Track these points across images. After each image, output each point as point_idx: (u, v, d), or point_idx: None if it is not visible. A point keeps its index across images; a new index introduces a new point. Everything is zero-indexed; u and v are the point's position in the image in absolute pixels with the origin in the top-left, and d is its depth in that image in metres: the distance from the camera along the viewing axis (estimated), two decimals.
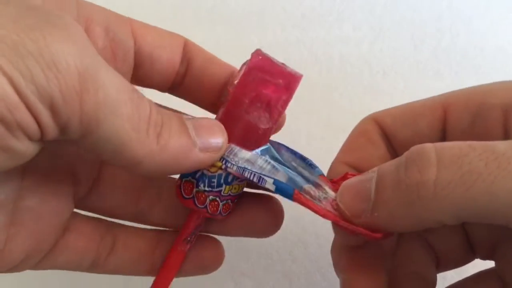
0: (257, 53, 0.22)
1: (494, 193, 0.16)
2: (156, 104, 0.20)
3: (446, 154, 0.18)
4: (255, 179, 0.21)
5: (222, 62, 0.25)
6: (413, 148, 0.19)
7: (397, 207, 0.19)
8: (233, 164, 0.22)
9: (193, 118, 0.21)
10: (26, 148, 0.16)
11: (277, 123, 0.23)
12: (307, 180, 0.23)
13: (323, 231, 0.29)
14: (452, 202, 0.17)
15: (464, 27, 0.39)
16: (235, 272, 0.33)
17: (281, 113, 0.23)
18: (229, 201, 0.23)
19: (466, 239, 0.25)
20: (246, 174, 0.21)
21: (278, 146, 0.24)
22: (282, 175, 0.22)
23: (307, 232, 0.33)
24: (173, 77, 0.24)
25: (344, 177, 0.23)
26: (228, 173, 0.22)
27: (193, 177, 0.23)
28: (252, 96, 0.22)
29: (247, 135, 0.22)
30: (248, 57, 0.23)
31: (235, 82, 0.22)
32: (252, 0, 0.40)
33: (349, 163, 0.24)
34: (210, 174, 0.22)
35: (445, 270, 0.26)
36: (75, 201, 0.23)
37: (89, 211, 0.25)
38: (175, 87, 0.25)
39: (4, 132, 0.14)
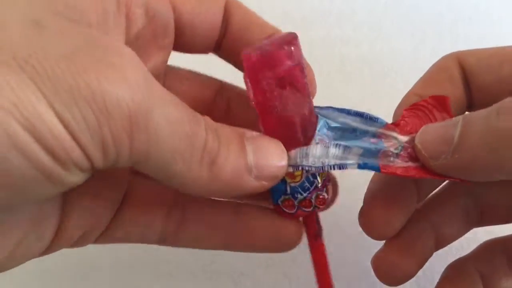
0: (245, 57, 0.21)
1: None
2: (220, 126, 0.20)
3: None
4: (337, 168, 0.21)
5: (261, 21, 0.24)
6: (506, 100, 0.19)
7: (482, 150, 0.19)
8: (311, 166, 0.21)
9: (257, 136, 0.20)
10: (74, 180, 0.16)
11: (310, 90, 0.22)
12: (374, 135, 0.23)
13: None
14: None
15: (464, 27, 0.39)
16: (235, 272, 0.33)
17: (305, 83, 0.21)
18: (328, 182, 0.23)
19: None
20: (327, 169, 0.21)
21: (327, 111, 0.23)
22: (356, 150, 0.22)
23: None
24: (215, 41, 0.23)
25: (411, 109, 0.23)
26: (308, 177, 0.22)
27: (285, 194, 0.22)
28: (273, 95, 0.21)
29: (300, 128, 0.22)
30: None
31: (251, 98, 0.21)
32: (252, 0, 0.40)
33: (423, 97, 0.24)
34: (298, 183, 0.22)
35: (488, 225, 0.26)
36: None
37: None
38: (215, 49, 0.24)
39: (59, 170, 0.15)
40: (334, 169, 0.21)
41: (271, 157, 0.20)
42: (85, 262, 0.34)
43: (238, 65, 0.24)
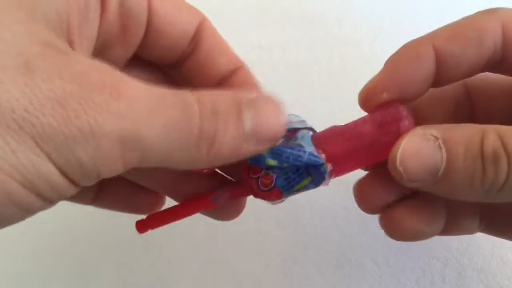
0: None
1: None
2: (216, 95, 0.20)
3: None
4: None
5: (231, 54, 0.24)
6: (488, 143, 0.20)
7: (464, 190, 0.20)
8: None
9: (254, 99, 0.20)
10: (67, 195, 0.17)
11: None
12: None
13: (323, 232, 0.29)
14: None
15: None
16: (235, 272, 0.33)
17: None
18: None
19: None
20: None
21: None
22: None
23: (307, 232, 0.33)
24: (177, 55, 0.24)
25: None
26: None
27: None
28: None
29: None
30: (248, 56, 0.23)
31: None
32: (252, 0, 0.40)
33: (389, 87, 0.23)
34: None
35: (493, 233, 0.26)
36: None
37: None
38: (175, 65, 0.24)
39: (45, 206, 0.17)
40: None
41: (269, 120, 0.20)
42: (85, 262, 0.34)
43: (195, 85, 0.25)
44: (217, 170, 0.25)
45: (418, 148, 0.21)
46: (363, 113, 0.26)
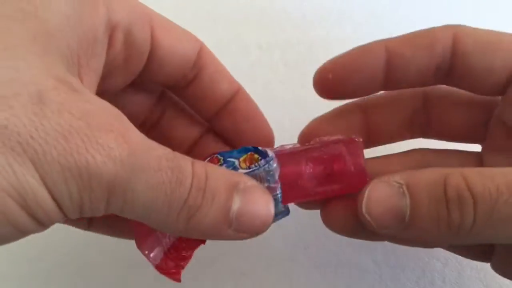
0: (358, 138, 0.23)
1: None
2: (214, 172, 0.20)
3: (479, 201, 0.19)
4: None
5: (230, 77, 0.25)
6: (452, 186, 0.20)
7: (432, 235, 0.21)
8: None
9: (250, 188, 0.21)
10: (58, 220, 0.18)
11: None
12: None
13: (323, 231, 0.29)
14: (483, 238, 0.20)
15: None
16: (235, 272, 0.33)
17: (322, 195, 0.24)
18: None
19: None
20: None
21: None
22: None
23: (307, 232, 0.33)
24: (179, 80, 0.24)
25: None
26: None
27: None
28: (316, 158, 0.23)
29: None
30: (248, 56, 0.23)
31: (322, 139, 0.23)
32: (252, 0, 0.40)
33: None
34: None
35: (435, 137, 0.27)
36: None
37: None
38: (179, 89, 0.25)
39: (36, 226, 0.17)
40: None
41: (256, 213, 0.21)
42: (85, 262, 0.34)
43: (196, 111, 0.26)
44: None
45: (383, 195, 0.21)
46: None
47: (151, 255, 0.23)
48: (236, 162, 0.22)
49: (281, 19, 0.40)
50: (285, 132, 0.26)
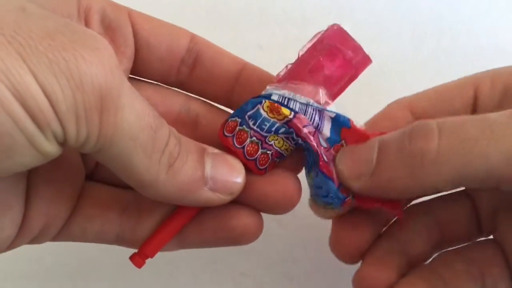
0: (334, 25, 0.23)
1: (487, 155, 0.19)
2: (183, 137, 0.21)
3: (446, 125, 0.20)
4: (316, 114, 0.22)
5: (232, 55, 0.25)
6: (417, 122, 0.21)
7: (398, 171, 0.21)
8: (296, 100, 0.22)
9: (219, 153, 0.22)
10: (54, 151, 0.17)
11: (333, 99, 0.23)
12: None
13: (323, 232, 0.29)
14: (451, 167, 0.19)
15: (464, 27, 0.39)
16: (235, 272, 0.33)
17: (339, 92, 0.23)
18: (269, 153, 0.22)
19: (473, 213, 0.26)
20: (310, 110, 0.22)
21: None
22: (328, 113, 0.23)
23: (307, 232, 0.33)
24: (176, 67, 0.24)
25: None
26: (283, 125, 0.22)
27: (242, 116, 0.22)
28: (317, 65, 0.22)
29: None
30: (248, 56, 0.23)
31: (306, 46, 0.23)
32: (252, 0, 0.40)
33: None
34: (267, 117, 0.22)
35: (449, 247, 0.26)
36: (87, 172, 0.24)
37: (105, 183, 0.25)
38: (184, 79, 0.25)
39: (42, 140, 0.16)
40: (315, 112, 0.22)
41: (228, 173, 0.21)
42: (85, 262, 0.34)
43: (207, 95, 0.25)
44: None
45: (355, 147, 0.22)
46: (363, 113, 0.26)
47: None
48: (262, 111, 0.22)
49: (281, 19, 0.40)
50: None
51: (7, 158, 0.16)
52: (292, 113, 0.22)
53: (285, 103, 0.22)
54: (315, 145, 0.22)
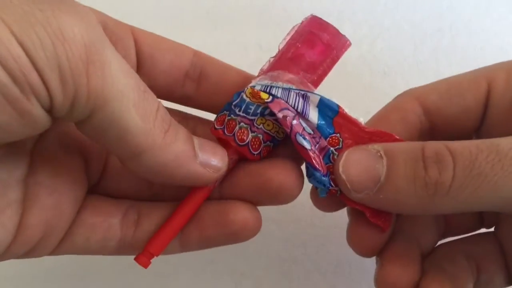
0: (311, 15, 0.23)
1: (497, 191, 0.19)
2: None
3: (459, 158, 0.20)
4: (300, 99, 0.22)
5: (236, 68, 0.25)
6: (430, 147, 0.20)
7: (408, 197, 0.20)
8: (278, 87, 0.22)
9: (204, 140, 0.22)
10: (39, 115, 0.16)
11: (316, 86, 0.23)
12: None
13: (323, 232, 0.29)
14: (462, 201, 0.20)
15: (464, 27, 0.39)
16: (235, 272, 0.33)
17: (322, 76, 0.23)
18: (260, 136, 0.22)
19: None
20: (293, 94, 0.22)
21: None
22: (313, 98, 0.22)
23: (307, 232, 0.33)
24: (180, 80, 0.24)
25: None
26: (267, 107, 0.22)
27: (229, 108, 0.23)
28: (297, 52, 0.22)
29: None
30: (247, 56, 0.23)
31: (285, 39, 0.23)
32: (252, 0, 0.40)
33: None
34: (250, 101, 0.22)
35: (451, 236, 0.27)
36: (89, 186, 0.23)
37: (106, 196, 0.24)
38: (190, 94, 0.25)
39: (18, 94, 0.15)
40: (298, 97, 0.22)
41: (215, 152, 0.22)
42: (85, 262, 0.34)
43: (215, 110, 0.25)
44: None
45: (360, 156, 0.22)
46: (363, 113, 0.26)
47: None
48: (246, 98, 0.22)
49: (281, 19, 0.40)
50: None
51: None
52: (271, 97, 0.22)
53: (267, 90, 0.22)
54: (289, 130, 0.21)
